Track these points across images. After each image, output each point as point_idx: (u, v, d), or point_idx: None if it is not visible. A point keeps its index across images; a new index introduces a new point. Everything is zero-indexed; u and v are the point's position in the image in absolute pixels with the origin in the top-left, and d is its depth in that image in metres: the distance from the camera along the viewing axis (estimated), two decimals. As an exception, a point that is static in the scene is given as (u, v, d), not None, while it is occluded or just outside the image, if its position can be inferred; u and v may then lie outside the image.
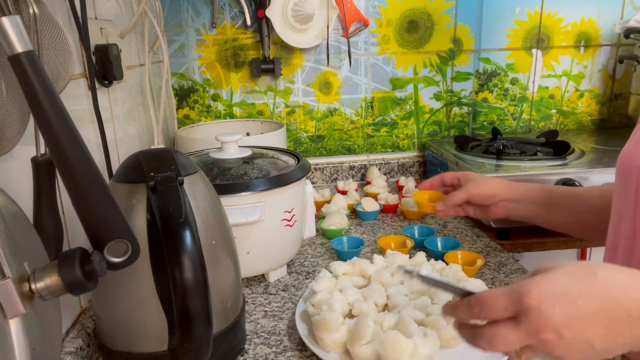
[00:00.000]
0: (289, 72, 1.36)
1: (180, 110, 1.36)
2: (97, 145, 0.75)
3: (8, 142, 0.46)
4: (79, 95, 0.72)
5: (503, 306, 0.43)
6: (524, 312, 0.42)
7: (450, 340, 0.62)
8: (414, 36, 1.36)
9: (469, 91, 1.43)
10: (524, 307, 0.41)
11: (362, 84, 1.39)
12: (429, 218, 1.11)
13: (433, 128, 1.45)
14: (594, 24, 1.40)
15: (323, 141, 1.43)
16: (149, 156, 0.58)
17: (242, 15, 1.30)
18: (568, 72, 1.44)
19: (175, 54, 1.32)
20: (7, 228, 0.36)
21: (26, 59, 0.35)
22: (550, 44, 1.41)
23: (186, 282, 0.49)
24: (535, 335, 0.42)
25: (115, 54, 0.83)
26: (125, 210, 0.54)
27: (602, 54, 1.43)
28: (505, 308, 0.43)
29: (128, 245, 0.41)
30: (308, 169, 0.84)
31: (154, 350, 0.56)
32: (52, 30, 0.51)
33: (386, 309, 0.70)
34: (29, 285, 0.36)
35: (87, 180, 0.39)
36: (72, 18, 0.70)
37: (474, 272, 0.82)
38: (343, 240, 0.95)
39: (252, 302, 0.79)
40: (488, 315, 0.44)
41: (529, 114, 1.47)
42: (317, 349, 0.63)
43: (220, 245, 0.60)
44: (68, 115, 0.37)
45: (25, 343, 0.35)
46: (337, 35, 1.34)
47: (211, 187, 0.63)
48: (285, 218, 0.80)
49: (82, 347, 0.61)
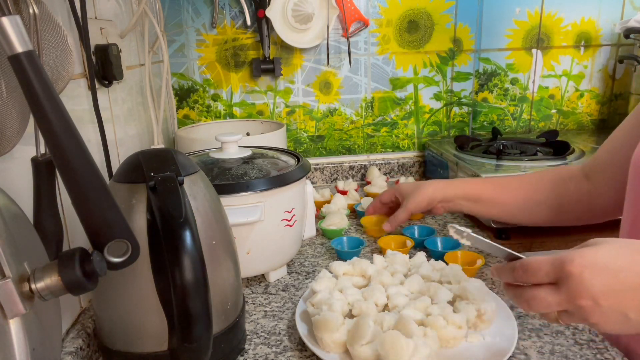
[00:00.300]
0: (289, 72, 1.36)
1: (180, 110, 1.36)
2: (97, 145, 0.75)
3: (8, 142, 0.46)
4: (79, 95, 0.72)
5: (545, 272, 0.46)
6: (564, 278, 0.44)
7: (450, 340, 0.62)
8: (414, 36, 1.36)
9: (469, 91, 1.43)
10: (566, 273, 0.44)
11: (362, 84, 1.39)
12: (429, 218, 1.11)
13: (433, 128, 1.45)
14: (594, 24, 1.40)
15: (323, 141, 1.43)
16: (149, 156, 0.58)
17: (242, 15, 1.30)
18: (568, 72, 1.44)
19: (175, 54, 1.32)
20: (7, 228, 0.36)
21: (26, 59, 0.35)
22: (550, 44, 1.41)
23: (186, 282, 0.49)
24: (573, 300, 0.44)
25: (115, 54, 0.83)
26: (125, 210, 0.54)
27: (602, 54, 1.43)
28: (547, 274, 0.46)
29: (128, 245, 0.41)
30: (308, 169, 0.84)
31: (154, 350, 0.56)
32: (52, 30, 0.51)
33: (386, 309, 0.70)
34: (29, 285, 0.36)
35: (87, 180, 0.39)
36: (72, 18, 0.70)
37: (474, 272, 0.82)
38: (343, 240, 0.95)
39: (252, 302, 0.79)
40: (530, 279, 0.47)
41: (529, 114, 1.47)
42: (317, 349, 0.63)
43: (220, 245, 0.60)
44: (68, 115, 0.37)
45: (25, 343, 0.35)
46: (337, 35, 1.34)
47: (211, 187, 0.63)
48: (285, 218, 0.80)
49: (82, 347, 0.61)
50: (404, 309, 0.65)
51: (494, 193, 0.85)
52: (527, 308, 0.48)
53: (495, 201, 0.85)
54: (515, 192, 0.85)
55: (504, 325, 0.66)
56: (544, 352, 0.63)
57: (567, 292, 0.44)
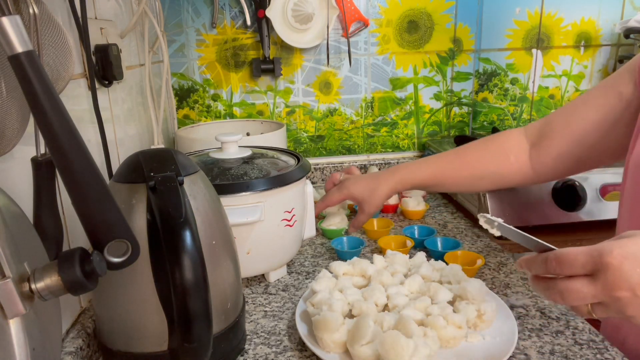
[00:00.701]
0: (289, 72, 1.36)
1: (180, 110, 1.36)
2: (97, 145, 0.75)
3: (8, 142, 0.46)
4: (79, 95, 0.72)
5: (581, 263, 0.44)
6: (602, 269, 0.43)
7: (450, 340, 0.62)
8: (414, 36, 1.36)
9: (469, 91, 1.43)
10: (604, 264, 0.43)
11: (362, 84, 1.39)
12: (429, 218, 1.11)
13: (433, 128, 1.45)
14: (594, 24, 1.40)
15: (323, 141, 1.43)
16: (149, 156, 0.58)
17: (242, 15, 1.30)
18: (568, 72, 1.44)
19: (175, 54, 1.32)
20: (7, 228, 0.36)
21: (26, 59, 0.35)
22: (550, 44, 1.41)
23: (186, 282, 0.49)
24: (610, 291, 0.43)
25: (115, 54, 0.83)
26: (125, 210, 0.54)
27: (602, 54, 1.43)
28: (584, 265, 0.44)
29: (128, 245, 0.41)
30: (308, 169, 0.84)
31: (154, 350, 0.56)
32: (52, 30, 0.51)
33: (386, 309, 0.70)
34: (29, 285, 0.36)
35: (87, 181, 0.39)
36: (72, 18, 0.70)
37: (474, 272, 0.82)
38: (343, 240, 0.95)
39: (252, 302, 0.79)
40: (565, 270, 0.45)
41: (529, 114, 1.47)
42: (317, 349, 0.63)
43: (220, 245, 0.60)
44: (68, 115, 0.37)
45: (25, 343, 0.35)
46: (337, 35, 1.34)
47: (211, 187, 0.63)
48: (285, 218, 0.80)
49: (82, 347, 0.61)
50: (404, 309, 0.65)
51: (440, 176, 0.91)
52: (560, 300, 0.46)
53: (443, 183, 0.92)
54: (459, 171, 0.90)
55: (504, 325, 0.66)
56: (544, 352, 0.63)
57: (605, 284, 0.43)
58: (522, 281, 0.81)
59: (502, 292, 0.78)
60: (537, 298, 0.75)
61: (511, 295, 0.77)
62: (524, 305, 0.74)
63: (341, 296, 0.69)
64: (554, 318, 0.70)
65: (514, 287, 0.79)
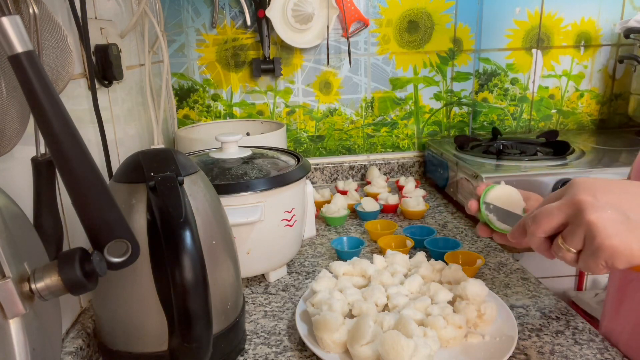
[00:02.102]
0: (289, 72, 1.36)
1: (180, 110, 1.36)
2: (97, 145, 0.75)
3: (8, 142, 0.46)
4: (79, 95, 0.72)
5: (554, 197, 0.48)
6: (568, 187, 0.47)
7: (450, 340, 0.62)
8: (414, 36, 1.36)
9: (469, 91, 1.43)
10: (568, 186, 0.47)
11: (362, 84, 1.39)
12: (429, 218, 1.11)
13: (433, 128, 1.45)
14: (594, 24, 1.40)
15: (323, 141, 1.43)
16: (149, 156, 0.58)
17: (242, 15, 1.30)
18: (568, 72, 1.44)
19: (175, 54, 1.32)
20: (7, 228, 0.36)
21: (26, 59, 0.35)
22: (550, 44, 1.41)
23: (186, 282, 0.49)
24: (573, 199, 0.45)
25: (115, 54, 0.83)
26: (125, 210, 0.54)
27: (602, 54, 1.43)
28: (556, 196, 0.48)
29: (128, 245, 0.41)
30: (308, 169, 0.84)
31: (154, 350, 0.56)
32: (52, 30, 0.51)
33: (386, 309, 0.70)
34: (29, 285, 0.36)
35: (87, 180, 0.39)
36: (72, 18, 0.70)
37: (474, 272, 0.82)
38: (343, 240, 0.95)
39: (252, 302, 0.79)
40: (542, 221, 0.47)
41: (529, 114, 1.47)
42: (317, 349, 0.63)
43: (220, 245, 0.60)
44: (68, 115, 0.37)
45: (25, 343, 0.35)
46: (337, 35, 1.34)
47: (211, 187, 0.63)
48: (285, 218, 0.80)
49: (82, 347, 0.61)
50: (404, 309, 0.65)
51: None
52: (534, 225, 0.48)
53: None
54: None
55: (504, 325, 0.66)
56: (544, 352, 0.63)
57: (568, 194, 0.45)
58: (522, 281, 0.81)
59: (502, 292, 0.78)
60: (537, 298, 0.75)
61: (511, 295, 0.77)
62: (524, 305, 0.74)
63: (341, 296, 0.69)
64: (554, 318, 0.70)
65: (514, 287, 0.79)
